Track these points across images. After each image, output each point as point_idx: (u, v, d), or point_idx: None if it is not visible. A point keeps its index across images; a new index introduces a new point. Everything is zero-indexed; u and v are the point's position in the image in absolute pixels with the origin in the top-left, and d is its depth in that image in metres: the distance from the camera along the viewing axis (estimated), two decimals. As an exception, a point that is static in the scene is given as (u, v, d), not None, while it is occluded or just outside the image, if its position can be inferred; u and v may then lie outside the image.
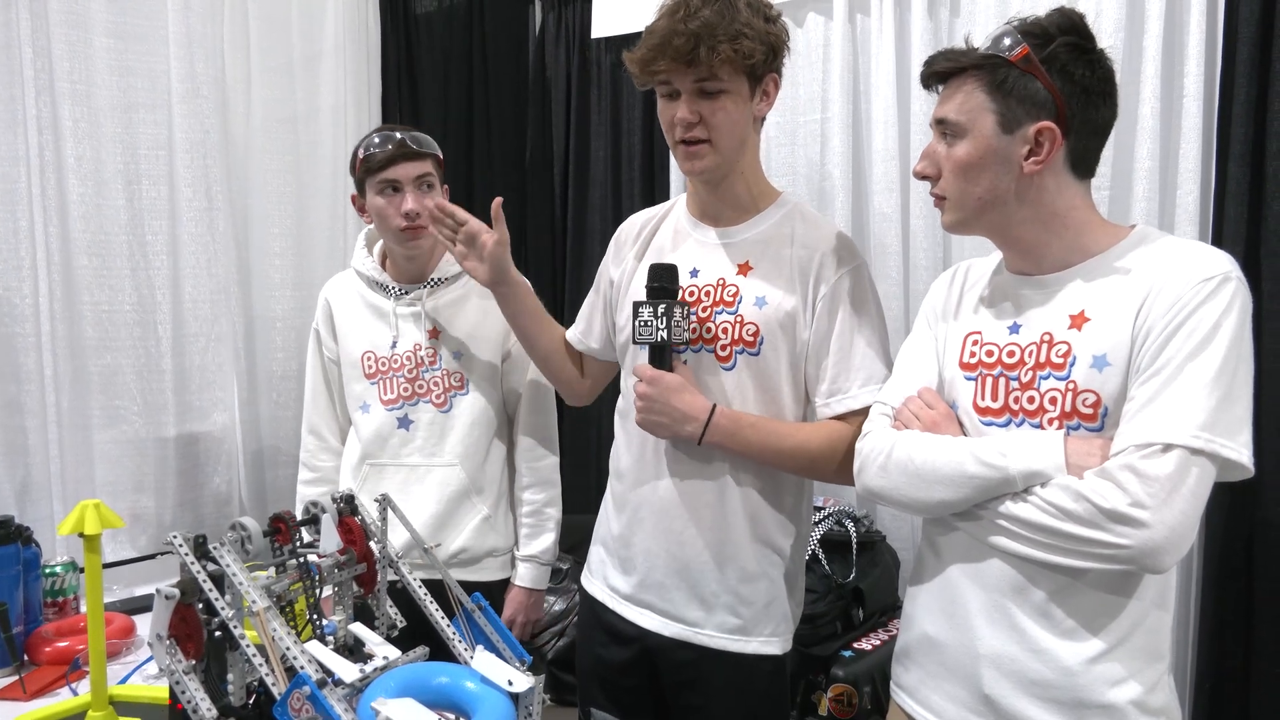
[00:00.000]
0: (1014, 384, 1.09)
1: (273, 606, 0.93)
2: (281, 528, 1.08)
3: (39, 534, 1.67)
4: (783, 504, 1.37)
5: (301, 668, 0.89)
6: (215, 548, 0.97)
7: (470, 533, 1.70)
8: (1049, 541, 1.01)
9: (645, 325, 1.30)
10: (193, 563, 0.96)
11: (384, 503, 1.16)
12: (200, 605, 0.98)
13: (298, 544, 1.07)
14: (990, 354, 1.12)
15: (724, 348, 1.33)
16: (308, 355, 1.82)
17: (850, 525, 2.04)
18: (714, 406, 1.29)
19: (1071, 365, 1.05)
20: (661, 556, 1.37)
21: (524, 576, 1.75)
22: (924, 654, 1.16)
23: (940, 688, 1.13)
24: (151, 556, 2.16)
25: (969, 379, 1.13)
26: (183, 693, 0.95)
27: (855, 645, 1.98)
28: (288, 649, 0.91)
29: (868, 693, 1.90)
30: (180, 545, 0.97)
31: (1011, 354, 1.10)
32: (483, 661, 1.03)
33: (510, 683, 1.01)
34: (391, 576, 1.17)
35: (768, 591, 1.36)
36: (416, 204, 1.63)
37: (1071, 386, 1.04)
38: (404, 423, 1.70)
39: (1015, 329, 1.11)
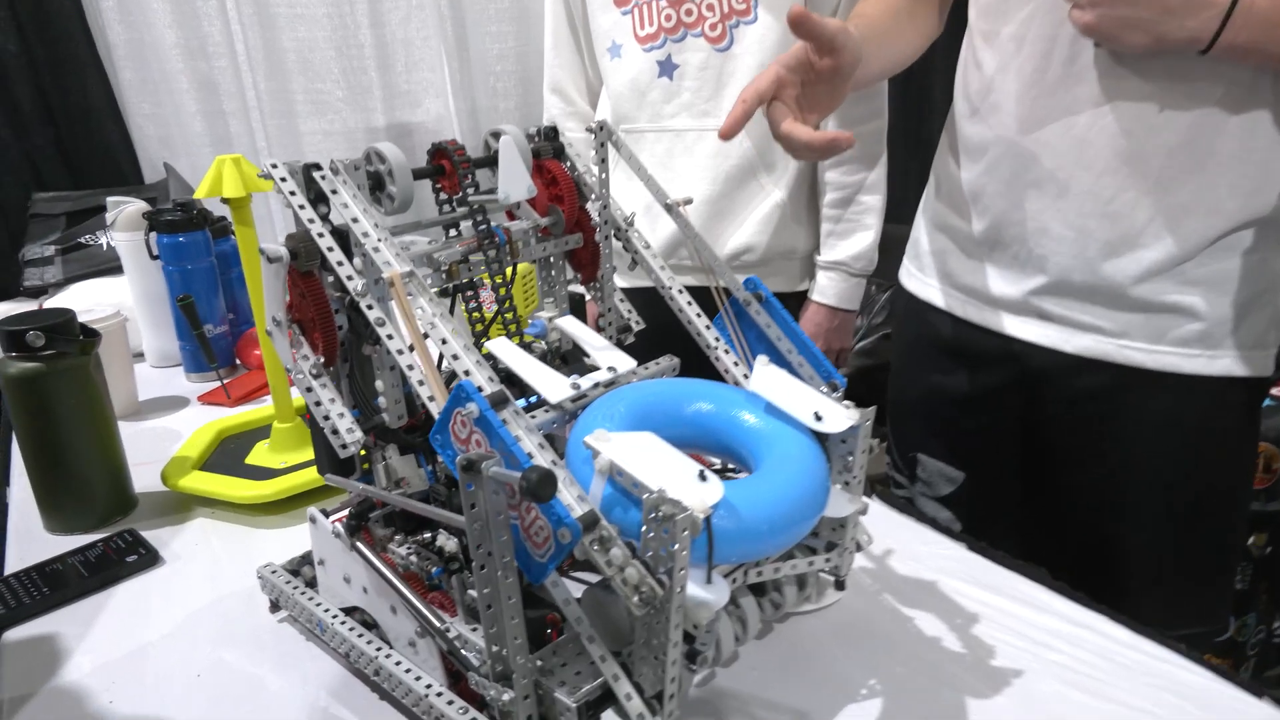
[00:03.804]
0: None
1: (415, 274, 0.55)
2: (445, 166, 0.68)
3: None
4: None
5: (465, 373, 0.52)
6: (324, 175, 0.59)
7: (757, 224, 1.25)
8: None
9: None
10: (302, 206, 0.59)
11: (602, 135, 0.72)
12: (330, 277, 0.63)
13: (469, 192, 0.67)
14: None
15: None
16: None
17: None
18: None
19: None
20: (1071, 240, 0.85)
21: (827, 290, 1.30)
22: None
23: None
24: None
25: None
26: (316, 404, 0.62)
27: (1274, 392, 1.39)
28: (443, 341, 0.53)
29: (1292, 456, 1.35)
30: (280, 175, 0.60)
31: None
32: (768, 380, 0.62)
33: (818, 417, 0.59)
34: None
35: (1254, 278, 0.82)
36: None
37: None
38: (666, 68, 1.23)
39: None
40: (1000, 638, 0.70)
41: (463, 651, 0.56)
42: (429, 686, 0.60)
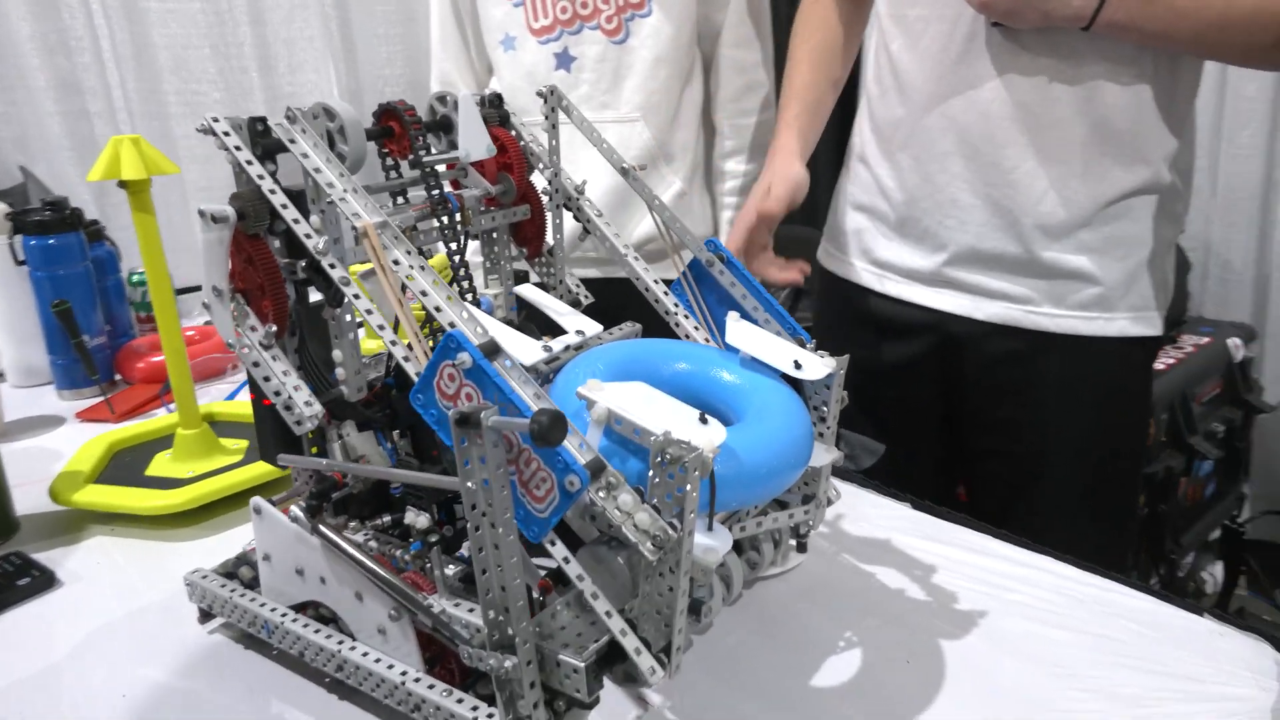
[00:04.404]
0: None
1: (389, 224, 0.52)
2: (395, 128, 0.65)
3: (123, 244, 1.34)
4: (1173, 114, 0.86)
5: (451, 324, 0.49)
6: (280, 124, 0.55)
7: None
8: None
9: None
10: (250, 161, 0.55)
11: (553, 100, 0.71)
12: (276, 240, 0.59)
13: (421, 154, 0.64)
14: None
15: None
16: None
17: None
18: None
19: None
20: (978, 209, 0.90)
21: None
22: None
23: None
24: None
25: None
26: (265, 379, 0.57)
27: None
28: (423, 293, 0.50)
29: (1164, 421, 1.46)
30: (223, 129, 0.55)
31: None
32: (744, 334, 0.62)
33: (798, 365, 0.59)
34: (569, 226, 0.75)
35: (1143, 243, 0.89)
36: None
37: None
38: (564, 60, 1.22)
39: None
40: (960, 584, 0.72)
41: (453, 625, 0.52)
42: (404, 673, 0.56)
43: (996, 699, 0.60)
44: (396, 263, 0.51)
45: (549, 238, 0.76)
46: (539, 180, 0.74)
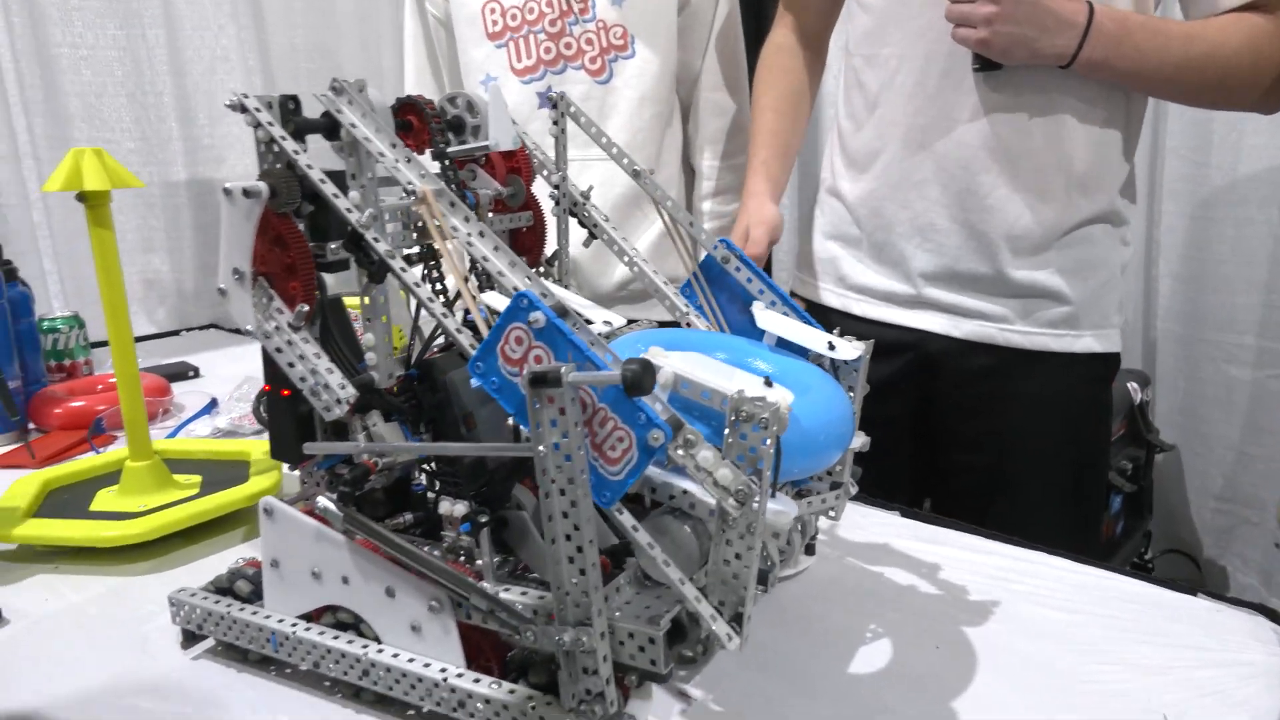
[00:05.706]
0: None
1: (447, 191, 0.51)
2: (413, 122, 0.64)
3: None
4: (1128, 144, 0.95)
5: (515, 288, 0.48)
6: (325, 96, 0.54)
7: (644, 253, 1.26)
8: None
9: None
10: (284, 137, 0.54)
11: (562, 105, 0.72)
12: (301, 223, 0.57)
13: (442, 145, 0.64)
14: None
15: None
16: (405, 20, 1.33)
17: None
18: (1090, 4, 0.85)
19: None
20: (955, 232, 0.95)
21: None
22: None
23: None
24: (175, 333, 1.76)
25: None
26: (289, 365, 0.55)
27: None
28: (484, 259, 0.49)
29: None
30: (254, 105, 0.54)
31: None
32: (775, 320, 0.63)
33: (832, 346, 0.61)
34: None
35: (1103, 266, 0.96)
36: None
37: None
38: (547, 100, 1.24)
39: None
40: (966, 578, 0.73)
41: (515, 607, 0.50)
42: (444, 670, 0.53)
43: (1027, 674, 0.61)
44: (457, 229, 0.50)
45: (549, 246, 0.76)
46: (541, 190, 0.74)
